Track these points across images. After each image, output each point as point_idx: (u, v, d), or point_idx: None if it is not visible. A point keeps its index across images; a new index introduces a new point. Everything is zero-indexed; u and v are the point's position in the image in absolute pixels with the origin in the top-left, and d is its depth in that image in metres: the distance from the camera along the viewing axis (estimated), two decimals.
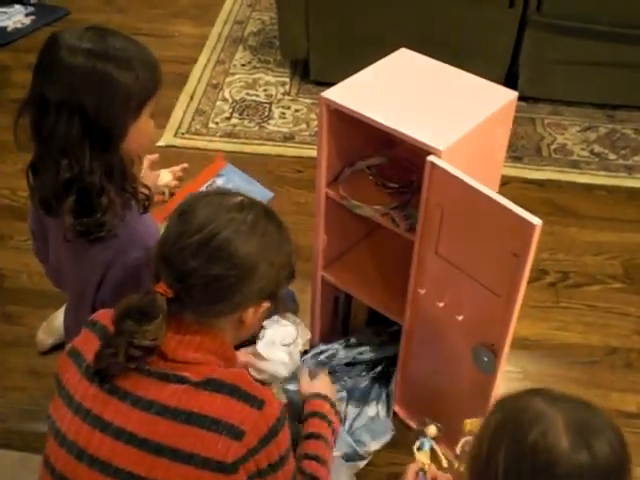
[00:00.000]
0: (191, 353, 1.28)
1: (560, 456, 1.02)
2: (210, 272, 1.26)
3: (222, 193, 1.43)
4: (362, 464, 1.96)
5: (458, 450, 1.58)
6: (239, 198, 1.34)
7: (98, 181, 1.49)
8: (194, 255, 1.25)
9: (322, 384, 1.84)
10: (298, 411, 1.81)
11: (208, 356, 1.30)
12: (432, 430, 1.73)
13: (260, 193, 2.10)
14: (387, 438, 2.02)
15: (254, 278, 1.29)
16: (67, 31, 1.53)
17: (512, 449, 1.06)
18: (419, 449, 1.70)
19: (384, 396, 2.10)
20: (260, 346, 1.95)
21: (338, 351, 2.13)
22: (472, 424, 1.54)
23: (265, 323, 1.89)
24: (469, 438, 1.46)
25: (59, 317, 2.09)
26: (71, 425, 1.28)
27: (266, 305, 1.38)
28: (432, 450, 1.72)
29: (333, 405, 1.78)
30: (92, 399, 1.27)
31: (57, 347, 2.17)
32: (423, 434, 1.72)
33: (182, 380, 1.25)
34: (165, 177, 2.24)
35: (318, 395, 1.77)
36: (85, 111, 1.47)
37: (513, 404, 1.13)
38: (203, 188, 2.15)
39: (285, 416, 1.31)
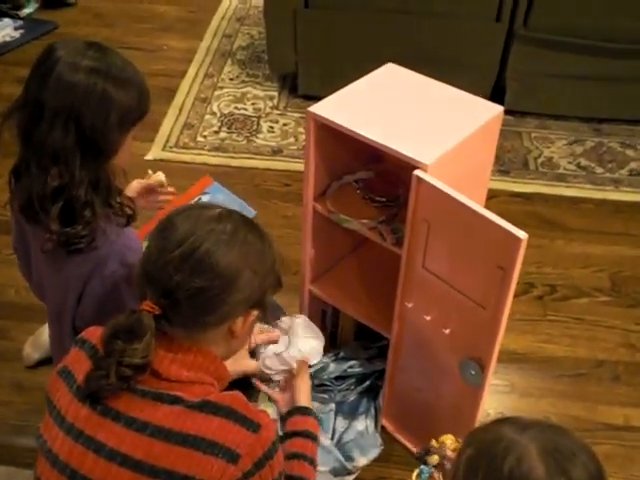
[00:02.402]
0: (185, 372, 1.27)
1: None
2: (194, 285, 1.24)
3: (200, 206, 1.44)
4: (350, 479, 1.96)
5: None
6: (217, 210, 1.33)
7: (84, 193, 1.50)
8: (177, 269, 1.24)
9: (300, 392, 1.77)
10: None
11: (202, 375, 1.29)
12: (434, 459, 1.72)
13: (244, 211, 2.11)
14: (376, 453, 2.01)
15: (238, 287, 1.28)
16: (67, 43, 1.55)
17: (487, 477, 1.05)
18: (418, 476, 1.69)
19: (373, 410, 2.10)
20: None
21: (328, 364, 2.13)
22: (441, 441, 1.57)
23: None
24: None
25: (46, 331, 2.09)
26: (63, 446, 1.26)
27: (254, 314, 1.36)
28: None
29: (315, 417, 1.72)
30: (84, 420, 1.25)
31: (44, 361, 2.17)
32: (425, 462, 1.71)
33: (176, 401, 1.23)
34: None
35: (299, 410, 1.71)
36: (81, 124, 1.49)
37: (483, 436, 1.12)
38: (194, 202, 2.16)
39: (278, 439, 1.29)
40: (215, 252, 1.26)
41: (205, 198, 2.17)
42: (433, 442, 1.64)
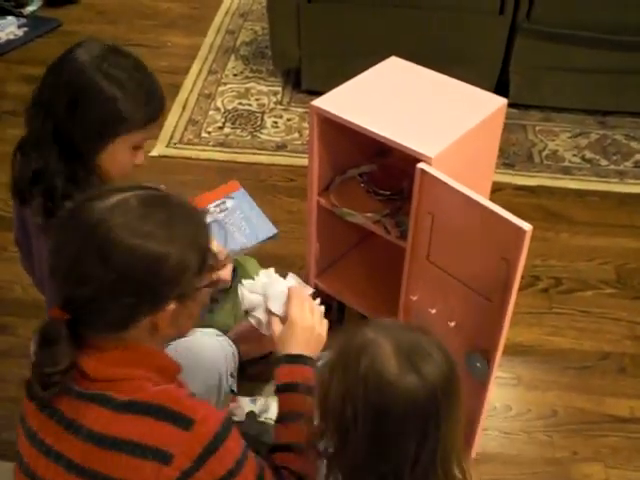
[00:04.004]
0: (112, 369, 1.20)
1: (390, 380, 1.06)
2: (94, 285, 1.16)
3: (99, 197, 1.24)
4: None
5: None
6: (115, 198, 1.20)
7: (62, 185, 1.53)
8: (76, 270, 1.17)
9: (301, 331, 1.55)
10: None
11: (134, 370, 1.22)
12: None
13: (265, 227, 2.12)
14: None
15: (143, 281, 1.17)
16: (89, 44, 1.58)
17: (344, 377, 1.10)
18: None
19: None
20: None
21: None
22: None
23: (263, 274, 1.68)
24: None
25: None
26: (24, 448, 1.25)
27: (177, 306, 1.23)
28: None
29: (306, 363, 1.50)
30: (38, 422, 1.23)
31: None
32: None
33: (106, 401, 1.18)
34: None
35: (291, 357, 1.51)
36: (54, 118, 1.53)
37: (344, 336, 1.15)
38: (211, 206, 2.17)
39: (230, 427, 1.21)
40: (113, 251, 1.16)
41: (229, 202, 2.17)
42: None
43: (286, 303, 1.58)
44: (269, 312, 1.60)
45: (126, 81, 1.54)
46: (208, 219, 1.29)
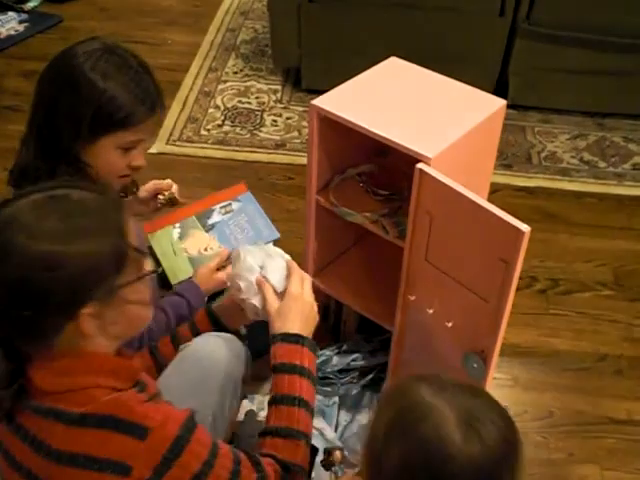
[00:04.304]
0: (60, 379, 1.15)
1: (454, 451, 1.03)
2: None
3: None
4: (353, 472, 1.96)
5: None
6: (17, 202, 1.13)
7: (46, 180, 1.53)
8: None
9: (300, 307, 1.50)
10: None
11: (84, 378, 1.16)
12: (338, 457, 1.73)
13: (268, 231, 2.14)
14: None
15: (42, 288, 1.09)
16: (87, 45, 1.57)
17: (405, 446, 1.06)
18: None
19: (375, 403, 2.10)
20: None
21: (331, 357, 2.14)
22: None
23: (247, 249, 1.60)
24: None
25: None
26: (2, 463, 1.23)
27: (98, 309, 1.14)
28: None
29: (311, 345, 1.46)
30: (7, 439, 1.20)
31: None
32: (331, 463, 1.71)
33: (58, 415, 1.13)
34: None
35: (289, 336, 1.45)
36: (34, 113, 1.54)
37: (402, 399, 1.12)
38: (218, 207, 2.18)
39: (192, 428, 1.17)
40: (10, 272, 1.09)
41: (235, 205, 2.18)
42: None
43: (286, 278, 1.53)
44: (263, 283, 1.53)
45: (112, 80, 1.52)
46: (128, 212, 1.20)
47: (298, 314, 1.48)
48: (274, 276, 1.54)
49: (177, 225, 2.15)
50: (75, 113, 1.51)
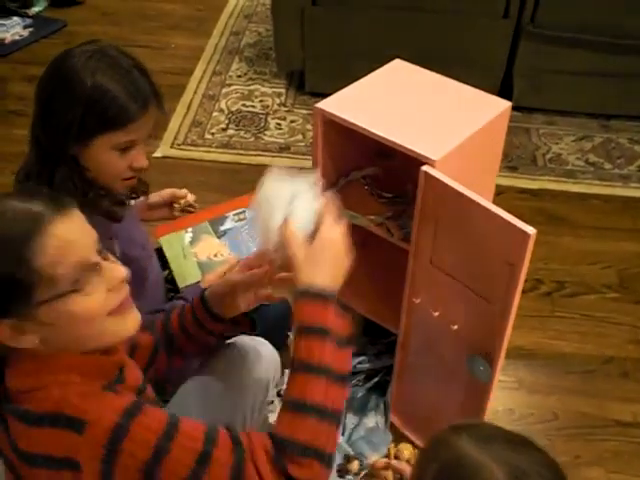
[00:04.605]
0: (22, 379, 1.16)
1: None
2: None
3: None
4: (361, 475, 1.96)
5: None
6: None
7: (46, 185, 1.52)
8: None
9: (332, 256, 1.29)
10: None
11: (46, 377, 1.15)
12: (354, 467, 1.72)
13: None
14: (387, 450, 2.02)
15: None
16: (82, 47, 1.56)
17: None
18: None
19: (382, 406, 2.10)
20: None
21: None
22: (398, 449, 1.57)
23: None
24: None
25: None
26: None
27: (14, 324, 1.12)
28: None
29: (339, 306, 1.28)
30: (2, 439, 1.20)
31: None
32: (347, 471, 1.70)
33: (22, 415, 1.14)
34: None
35: (316, 293, 1.26)
36: (35, 118, 1.53)
37: (445, 452, 1.09)
38: (230, 214, 2.18)
39: (133, 414, 1.12)
40: None
41: (249, 213, 2.18)
42: (391, 446, 1.64)
43: (316, 221, 1.29)
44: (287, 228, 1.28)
45: (101, 78, 1.49)
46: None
47: (329, 265, 1.28)
48: (304, 215, 1.29)
49: (189, 229, 2.15)
50: (66, 113, 1.49)
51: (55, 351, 1.16)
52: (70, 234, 1.12)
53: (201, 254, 2.11)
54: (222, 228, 2.16)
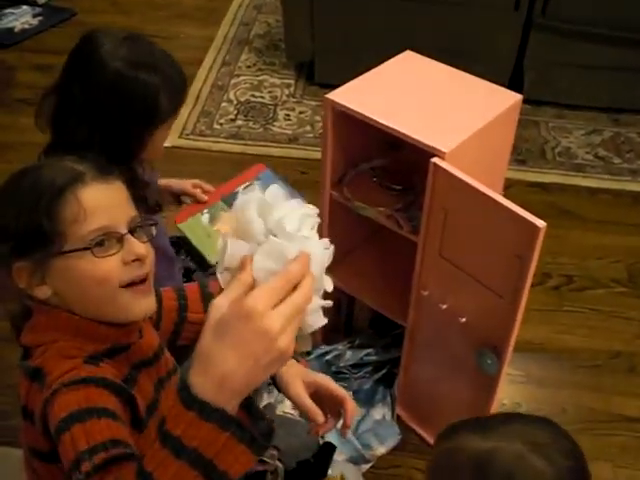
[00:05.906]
0: (30, 335, 1.22)
1: (546, 476, 1.03)
2: None
3: None
4: (366, 467, 1.96)
5: None
6: None
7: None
8: None
9: (237, 340, 0.86)
10: None
11: (45, 334, 1.20)
12: None
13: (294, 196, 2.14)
14: (394, 442, 2.02)
15: None
16: (106, 34, 1.56)
17: None
18: None
19: (389, 398, 2.10)
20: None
21: (344, 352, 2.13)
22: None
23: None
24: None
25: None
26: None
27: (29, 264, 1.17)
28: None
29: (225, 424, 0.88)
30: None
31: None
32: None
33: (25, 369, 1.19)
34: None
35: (184, 394, 0.89)
36: (104, 119, 1.52)
37: (469, 456, 1.07)
38: (239, 189, 2.18)
39: (73, 381, 1.10)
40: None
41: (257, 184, 2.19)
42: None
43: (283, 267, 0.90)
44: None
45: (158, 69, 1.57)
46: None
47: (239, 349, 0.85)
48: (265, 261, 0.92)
49: (204, 211, 2.16)
50: (142, 115, 1.54)
51: (66, 311, 1.20)
52: (104, 199, 1.18)
53: (224, 230, 2.11)
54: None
